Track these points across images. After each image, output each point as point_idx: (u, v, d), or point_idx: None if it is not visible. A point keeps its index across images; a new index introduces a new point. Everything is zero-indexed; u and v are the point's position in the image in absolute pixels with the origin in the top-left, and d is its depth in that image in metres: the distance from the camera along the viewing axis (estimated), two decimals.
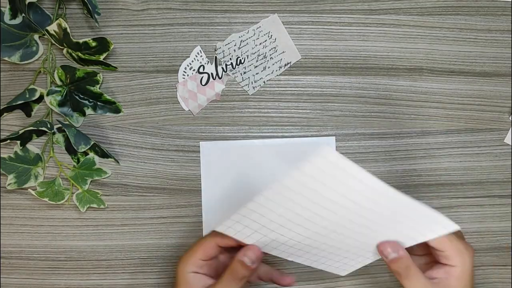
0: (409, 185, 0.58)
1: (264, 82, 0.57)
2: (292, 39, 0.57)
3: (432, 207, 0.58)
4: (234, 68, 0.56)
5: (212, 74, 0.56)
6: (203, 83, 0.56)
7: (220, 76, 0.56)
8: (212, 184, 0.57)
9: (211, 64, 0.55)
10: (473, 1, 0.58)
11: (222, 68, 0.56)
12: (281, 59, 0.57)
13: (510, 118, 0.58)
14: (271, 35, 0.57)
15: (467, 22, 0.58)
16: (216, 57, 0.56)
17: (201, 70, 0.56)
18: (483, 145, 0.58)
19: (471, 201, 0.58)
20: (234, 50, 0.57)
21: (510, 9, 0.58)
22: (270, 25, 0.56)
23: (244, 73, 0.57)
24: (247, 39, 0.57)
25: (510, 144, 0.58)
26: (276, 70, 0.57)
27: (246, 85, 0.57)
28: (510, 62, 0.58)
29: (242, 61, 0.56)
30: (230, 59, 0.57)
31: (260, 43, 0.57)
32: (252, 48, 0.57)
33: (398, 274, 0.45)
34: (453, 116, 0.58)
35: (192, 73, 0.55)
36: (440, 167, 0.58)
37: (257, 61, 0.57)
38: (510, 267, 0.59)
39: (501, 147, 0.58)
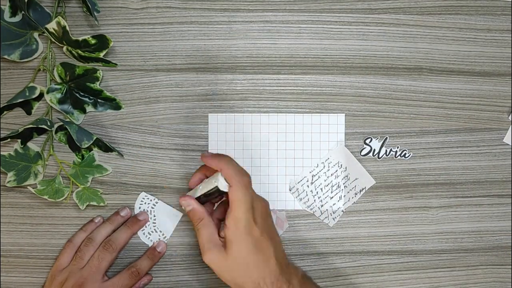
0: (409, 184, 0.58)
1: (343, 211, 0.58)
2: (292, 39, 0.57)
3: (431, 206, 0.59)
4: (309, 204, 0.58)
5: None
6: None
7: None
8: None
9: None
10: (473, 0, 0.58)
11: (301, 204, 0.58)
12: (355, 186, 0.58)
13: (509, 118, 0.58)
14: (341, 165, 0.58)
15: (467, 22, 0.58)
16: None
17: None
18: (482, 144, 0.58)
19: (470, 200, 0.58)
20: (308, 186, 0.57)
21: (509, 9, 0.58)
22: (338, 155, 0.57)
23: (322, 206, 0.58)
24: (318, 172, 0.57)
25: (509, 143, 0.58)
26: (352, 197, 0.58)
27: (325, 217, 0.58)
28: (510, 62, 0.58)
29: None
30: (306, 195, 0.58)
31: (331, 174, 0.58)
32: (325, 180, 0.58)
33: (193, 224, 0.51)
34: (452, 115, 0.58)
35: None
36: (440, 166, 0.58)
37: (331, 192, 0.58)
38: (511, 267, 0.59)
39: (500, 147, 0.58)
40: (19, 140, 0.55)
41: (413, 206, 0.58)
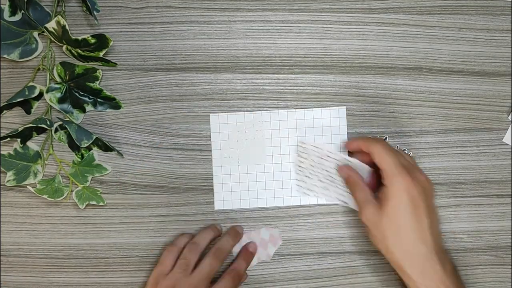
0: None
1: (315, 196, 0.58)
2: (291, 38, 0.57)
3: None
4: None
5: None
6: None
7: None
8: (221, 154, 0.58)
9: None
10: (473, 0, 0.58)
11: None
12: (343, 195, 0.57)
13: (509, 118, 0.58)
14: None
15: (466, 22, 0.58)
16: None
17: None
18: (482, 144, 0.58)
19: (469, 200, 0.58)
20: (314, 155, 0.57)
21: (509, 9, 0.58)
22: (359, 168, 0.56)
23: (306, 177, 0.57)
24: (333, 157, 0.56)
25: (509, 143, 0.58)
26: (332, 198, 0.57)
27: (299, 185, 0.58)
28: (510, 61, 0.58)
29: None
30: (306, 159, 0.57)
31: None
32: (330, 167, 0.56)
33: (351, 189, 0.54)
34: (452, 115, 0.58)
35: None
36: (439, 166, 0.58)
37: (324, 178, 0.57)
38: (510, 267, 0.59)
39: (500, 147, 0.58)
40: (18, 140, 0.55)
41: None
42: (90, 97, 0.56)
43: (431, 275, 0.48)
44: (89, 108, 0.57)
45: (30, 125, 0.53)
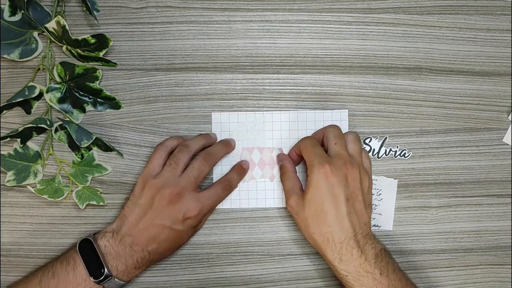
0: (408, 184, 0.58)
1: None
2: (291, 38, 0.57)
3: (431, 206, 0.59)
4: None
5: None
6: None
7: None
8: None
9: None
10: (473, 0, 0.58)
11: None
12: (373, 218, 0.58)
13: (509, 118, 0.58)
14: (380, 193, 0.58)
15: (467, 22, 0.58)
16: None
17: None
18: (482, 144, 0.58)
19: (469, 200, 0.58)
20: None
21: (509, 9, 0.58)
22: (386, 185, 0.57)
23: None
24: None
25: (509, 143, 0.58)
26: None
27: None
28: (509, 61, 0.58)
29: None
30: None
31: None
32: None
33: (281, 178, 0.55)
34: (452, 115, 0.58)
35: None
36: (439, 166, 0.58)
37: None
38: (510, 267, 0.59)
39: (500, 147, 0.58)
40: (18, 140, 0.55)
41: (412, 205, 0.58)
42: (90, 97, 0.56)
43: (348, 260, 0.49)
44: (89, 108, 0.57)
45: (30, 125, 0.53)
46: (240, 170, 0.57)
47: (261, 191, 0.58)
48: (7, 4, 0.53)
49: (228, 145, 0.57)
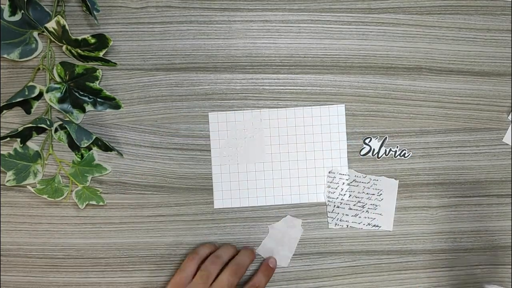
0: (408, 184, 0.58)
1: (347, 226, 0.58)
2: (291, 38, 0.57)
3: (431, 206, 0.59)
4: (334, 199, 0.58)
5: None
6: None
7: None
8: (220, 154, 0.58)
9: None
10: (473, 0, 0.58)
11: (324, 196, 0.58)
12: (374, 219, 0.58)
13: (509, 118, 0.58)
14: (381, 194, 0.58)
15: (466, 22, 0.58)
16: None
17: None
18: (482, 144, 0.58)
19: (469, 200, 0.58)
20: (343, 183, 0.57)
21: (509, 9, 0.58)
22: (387, 186, 0.57)
23: (337, 207, 0.58)
24: (360, 181, 0.57)
25: (509, 143, 0.58)
26: (364, 224, 0.58)
27: (331, 217, 0.58)
28: (509, 61, 0.58)
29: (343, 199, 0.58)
30: (336, 189, 0.58)
31: (367, 193, 0.58)
32: (358, 192, 0.58)
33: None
34: (452, 115, 0.58)
35: None
36: (439, 166, 0.58)
37: (354, 205, 0.58)
38: (510, 267, 0.59)
39: (499, 147, 0.58)
40: (18, 139, 0.55)
41: (412, 205, 0.58)
42: (90, 97, 0.56)
43: None
44: (89, 108, 0.57)
45: (30, 125, 0.53)
46: (267, 270, 0.57)
47: (260, 189, 0.58)
48: (7, 4, 0.53)
49: (252, 253, 0.57)
